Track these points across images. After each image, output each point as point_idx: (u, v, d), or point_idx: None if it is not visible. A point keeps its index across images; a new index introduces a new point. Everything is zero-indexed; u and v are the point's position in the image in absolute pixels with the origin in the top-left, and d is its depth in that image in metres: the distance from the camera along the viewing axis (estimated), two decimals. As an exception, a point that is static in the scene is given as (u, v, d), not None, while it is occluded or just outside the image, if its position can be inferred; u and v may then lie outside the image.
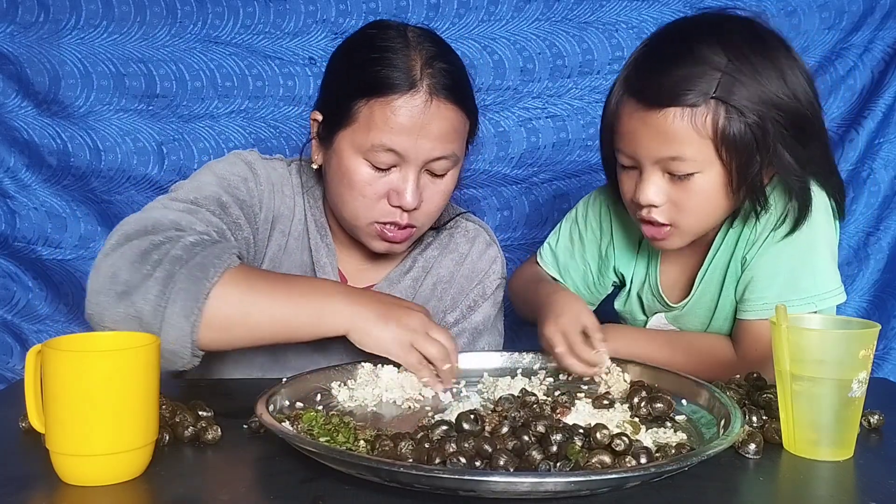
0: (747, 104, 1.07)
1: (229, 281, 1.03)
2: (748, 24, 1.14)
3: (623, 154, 1.16)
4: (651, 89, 1.10)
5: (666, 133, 1.09)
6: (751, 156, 1.09)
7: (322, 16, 1.74)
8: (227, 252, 1.06)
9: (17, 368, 1.77)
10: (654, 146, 1.11)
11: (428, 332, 1.08)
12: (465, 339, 1.34)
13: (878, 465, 0.87)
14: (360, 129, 1.17)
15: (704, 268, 1.26)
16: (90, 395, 0.76)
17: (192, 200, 1.16)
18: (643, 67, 1.13)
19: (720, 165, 1.10)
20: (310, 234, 1.30)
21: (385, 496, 0.75)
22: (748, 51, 1.09)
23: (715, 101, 1.07)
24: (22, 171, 1.72)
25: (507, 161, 1.79)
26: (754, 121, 1.07)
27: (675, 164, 1.10)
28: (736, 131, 1.07)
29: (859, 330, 0.88)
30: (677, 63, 1.09)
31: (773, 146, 1.09)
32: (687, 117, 1.07)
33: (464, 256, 1.37)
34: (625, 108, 1.14)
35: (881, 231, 1.82)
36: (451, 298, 1.35)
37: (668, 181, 1.13)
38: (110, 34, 1.71)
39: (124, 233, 1.07)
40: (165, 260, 1.02)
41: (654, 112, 1.09)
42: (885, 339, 1.82)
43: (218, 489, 0.77)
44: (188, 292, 1.00)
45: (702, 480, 0.80)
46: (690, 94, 1.07)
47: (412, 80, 1.16)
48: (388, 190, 1.19)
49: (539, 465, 0.79)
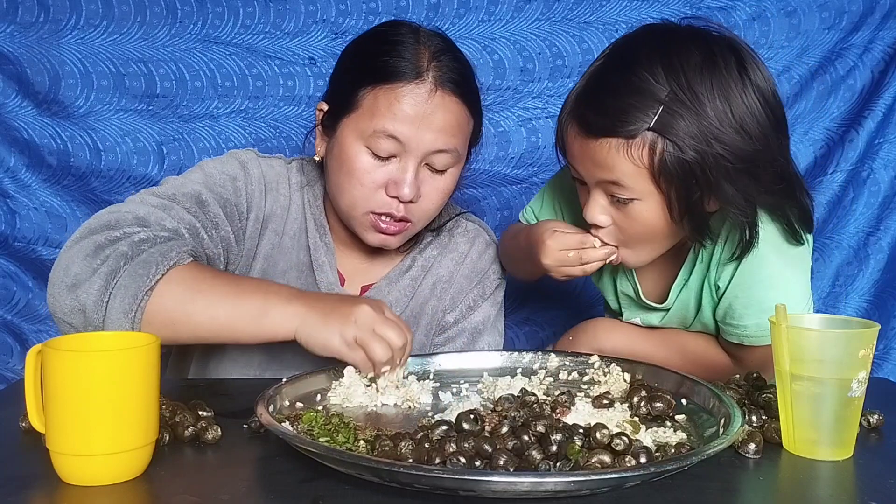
0: (686, 139, 1.03)
1: (173, 279, 1.02)
2: (702, 42, 1.08)
3: (573, 170, 1.17)
4: (589, 118, 1.08)
5: (603, 161, 1.08)
6: (689, 188, 1.06)
7: (322, 16, 1.74)
8: (174, 250, 1.05)
9: (17, 368, 1.77)
10: (594, 171, 1.10)
11: (375, 328, 1.02)
12: (465, 338, 1.34)
13: (878, 464, 0.87)
14: (363, 115, 1.18)
15: (678, 284, 1.25)
16: (90, 395, 0.76)
17: (170, 196, 1.16)
18: (587, 91, 1.11)
19: (658, 194, 1.08)
20: (308, 232, 1.30)
21: (385, 496, 0.75)
22: (694, 79, 1.04)
23: (652, 133, 1.04)
24: (22, 171, 1.72)
25: (507, 161, 1.79)
26: (692, 156, 1.03)
27: (615, 189, 1.09)
28: (672, 164, 1.04)
29: (859, 330, 0.88)
30: (617, 92, 1.07)
31: (714, 179, 1.05)
32: (623, 149, 1.05)
33: (463, 256, 1.37)
34: (569, 129, 1.13)
35: (881, 231, 1.82)
36: (450, 298, 1.35)
37: (610, 203, 1.12)
38: (110, 34, 1.71)
39: (88, 227, 1.08)
40: (112, 255, 1.03)
41: (591, 140, 1.08)
42: (885, 339, 1.82)
43: (218, 489, 0.77)
44: (128, 289, 1.00)
45: (702, 480, 0.80)
46: (627, 126, 1.04)
47: (419, 71, 1.17)
48: (386, 180, 1.19)
49: (539, 464, 0.79)
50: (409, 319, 1.33)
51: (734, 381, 1.08)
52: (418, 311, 1.34)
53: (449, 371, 1.13)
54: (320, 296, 1.12)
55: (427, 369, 1.13)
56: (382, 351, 1.01)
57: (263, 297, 1.05)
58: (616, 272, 1.33)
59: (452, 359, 1.16)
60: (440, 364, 1.15)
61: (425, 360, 1.15)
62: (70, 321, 1.03)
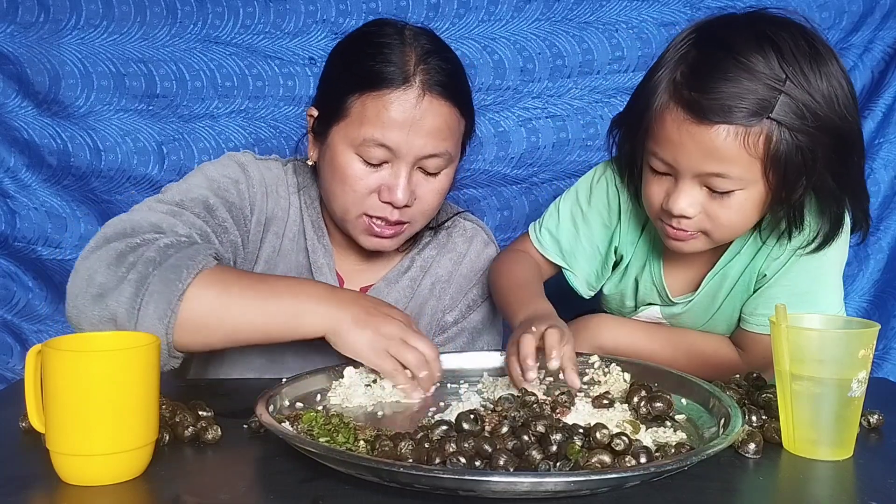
0: (801, 125, 1.01)
1: (203, 283, 1.02)
2: (801, 30, 1.06)
3: (658, 159, 1.10)
4: (703, 103, 1.03)
5: (714, 150, 1.03)
6: (797, 178, 1.04)
7: (322, 16, 1.74)
8: (201, 253, 1.05)
9: (17, 368, 1.77)
10: (698, 160, 1.05)
11: (406, 340, 1.05)
12: (465, 338, 1.34)
13: (878, 464, 0.87)
14: (352, 123, 1.17)
15: (715, 271, 1.23)
16: (90, 395, 0.76)
17: (177, 202, 1.16)
18: (694, 76, 1.05)
19: (763, 184, 1.06)
20: (306, 235, 1.30)
21: (385, 496, 0.75)
22: (805, 66, 1.02)
23: (769, 121, 1.01)
24: (22, 171, 1.72)
25: (507, 161, 1.79)
26: (806, 143, 1.02)
27: (716, 181, 1.06)
28: (786, 153, 1.02)
29: (859, 330, 0.88)
30: (733, 76, 1.02)
31: (820, 170, 1.04)
32: (741, 136, 1.02)
33: (462, 256, 1.36)
34: (670, 115, 1.07)
35: (881, 231, 1.82)
36: (449, 298, 1.35)
37: (705, 194, 1.08)
38: (110, 34, 1.71)
39: (104, 235, 1.07)
40: (139, 262, 1.02)
41: (703, 126, 1.03)
42: (885, 339, 1.82)
43: (218, 489, 0.77)
44: (161, 294, 1.00)
45: (702, 480, 0.80)
46: (745, 112, 1.01)
47: (405, 75, 1.16)
48: (379, 185, 1.19)
49: (539, 464, 0.79)
50: None
51: (734, 381, 1.08)
52: (418, 312, 1.34)
53: (449, 371, 1.13)
54: (355, 298, 1.10)
55: (427, 369, 1.13)
56: (414, 358, 1.04)
57: (294, 299, 1.06)
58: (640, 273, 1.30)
59: (452, 359, 1.16)
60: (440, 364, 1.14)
61: (425, 360, 1.15)
62: (97, 331, 1.01)
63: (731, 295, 1.23)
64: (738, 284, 1.22)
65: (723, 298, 1.24)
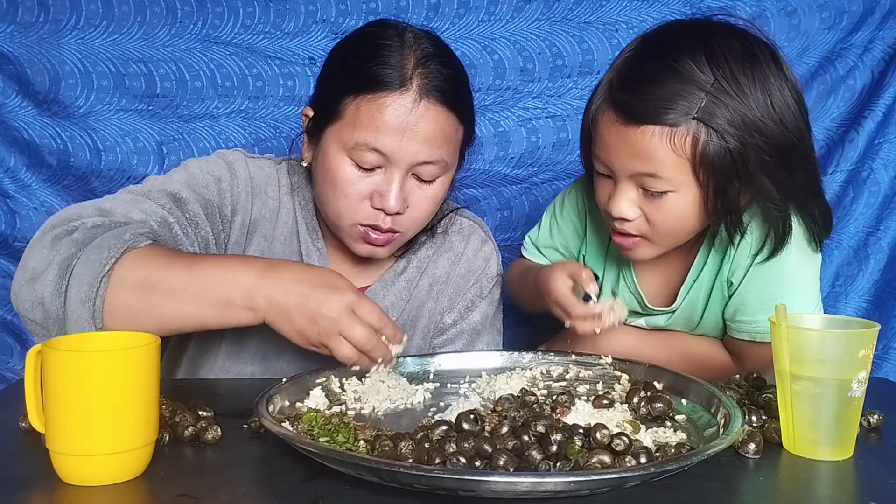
0: (729, 128, 1.02)
1: (129, 265, 0.98)
2: (740, 35, 1.08)
3: (599, 162, 1.13)
4: (630, 104, 1.06)
5: (642, 150, 1.05)
6: (729, 180, 1.05)
7: (322, 16, 1.74)
8: (129, 232, 1.01)
9: (17, 368, 1.77)
10: (629, 161, 1.08)
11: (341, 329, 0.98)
12: (464, 340, 1.33)
13: (878, 465, 0.87)
14: (346, 125, 1.15)
15: (688, 283, 1.23)
16: (90, 395, 0.76)
17: (145, 193, 1.14)
18: (625, 79, 1.09)
19: (696, 186, 1.07)
20: (300, 237, 1.28)
21: (385, 496, 0.75)
22: (737, 69, 1.04)
23: (696, 122, 1.03)
24: (22, 171, 1.72)
25: (507, 161, 1.79)
26: (735, 146, 1.03)
27: (649, 181, 1.08)
28: (715, 154, 1.03)
29: (859, 330, 0.88)
30: (660, 79, 1.05)
31: (753, 172, 1.05)
32: (665, 137, 1.04)
33: (459, 255, 1.35)
34: (603, 118, 1.10)
35: (881, 231, 1.82)
36: (447, 299, 1.34)
37: (641, 196, 1.10)
38: (110, 34, 1.71)
39: (50, 222, 1.06)
40: (66, 244, 0.99)
41: (631, 128, 1.06)
42: (885, 339, 1.82)
43: (218, 489, 0.77)
44: (83, 277, 0.96)
45: (702, 480, 0.80)
46: (671, 114, 1.03)
47: (402, 79, 1.13)
48: (371, 191, 1.16)
49: (539, 464, 0.79)
50: (407, 322, 1.32)
51: (734, 381, 1.08)
52: (415, 314, 1.32)
53: (449, 371, 1.13)
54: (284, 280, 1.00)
55: (427, 369, 1.13)
56: (349, 350, 0.99)
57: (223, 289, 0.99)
58: (615, 284, 1.32)
59: (452, 359, 1.16)
60: (440, 364, 1.15)
61: (425, 360, 1.15)
62: (31, 316, 1.00)
63: (709, 304, 1.24)
64: (714, 293, 1.22)
65: (702, 308, 1.25)
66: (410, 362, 1.13)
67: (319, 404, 0.98)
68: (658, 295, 1.29)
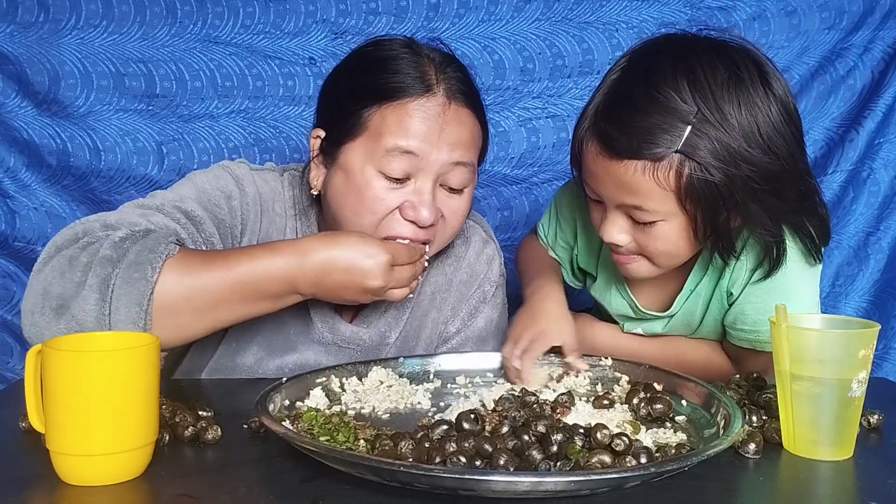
0: (713, 161, 1.00)
1: (169, 271, 0.96)
2: (726, 57, 1.05)
3: (588, 187, 1.13)
4: (613, 137, 1.04)
5: (627, 184, 1.04)
6: (716, 210, 1.04)
7: (322, 16, 1.74)
8: (161, 243, 0.98)
9: (17, 368, 1.77)
10: (615, 193, 1.07)
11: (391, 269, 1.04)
12: (469, 348, 1.29)
13: (878, 465, 0.87)
14: (371, 136, 1.10)
15: (686, 292, 1.22)
16: (90, 395, 0.76)
17: (155, 207, 1.09)
18: (609, 107, 1.07)
19: (684, 215, 1.05)
20: None
21: (385, 496, 0.75)
22: (720, 96, 1.01)
23: (679, 155, 1.01)
24: (22, 171, 1.72)
25: (507, 161, 1.79)
26: (720, 178, 1.01)
27: (636, 213, 1.07)
28: (700, 186, 1.01)
29: (859, 330, 0.88)
30: (643, 111, 1.02)
31: (741, 200, 1.03)
32: (649, 171, 1.02)
33: (460, 259, 1.31)
34: (589, 148, 1.09)
35: (881, 231, 1.82)
36: (450, 307, 1.31)
37: (631, 224, 1.09)
38: (110, 34, 1.71)
39: (54, 244, 1.00)
40: (95, 263, 0.95)
41: (614, 161, 1.04)
42: (885, 339, 1.82)
43: (218, 489, 0.77)
44: (129, 297, 0.94)
45: (702, 480, 0.80)
46: (653, 148, 1.01)
47: (428, 84, 1.11)
48: (401, 203, 1.11)
49: (539, 464, 0.79)
50: (410, 334, 1.28)
51: (734, 381, 1.08)
52: (418, 325, 1.29)
53: (449, 371, 1.13)
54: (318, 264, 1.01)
55: (427, 369, 1.13)
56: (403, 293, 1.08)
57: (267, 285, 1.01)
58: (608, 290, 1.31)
59: (453, 359, 1.16)
60: (440, 364, 1.14)
61: (425, 360, 1.15)
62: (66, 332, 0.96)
63: (708, 311, 1.23)
64: (713, 302, 1.21)
65: (701, 315, 1.24)
66: (411, 362, 1.13)
67: (319, 404, 0.98)
68: (652, 300, 1.28)
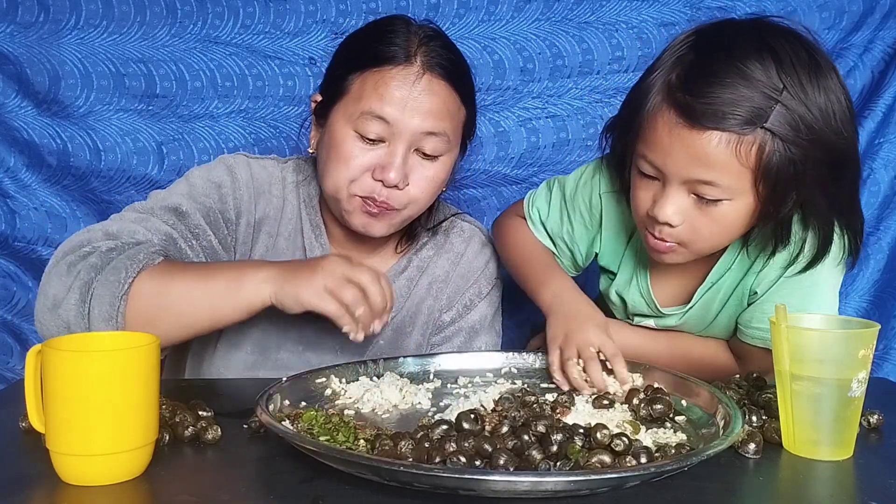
0: (796, 139, 0.99)
1: (145, 279, 1.04)
2: (800, 40, 1.04)
3: (647, 162, 1.07)
4: (696, 107, 1.00)
5: (705, 156, 1.01)
6: (787, 191, 1.02)
7: (322, 16, 1.74)
8: (142, 252, 1.06)
9: (17, 368, 1.76)
10: (687, 166, 1.03)
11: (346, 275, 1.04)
12: (462, 338, 1.34)
13: (878, 465, 0.87)
14: (351, 99, 1.19)
15: (706, 286, 1.21)
16: (90, 395, 0.76)
17: (148, 210, 1.18)
18: (690, 79, 1.03)
19: (753, 196, 1.03)
20: (304, 234, 1.29)
21: (385, 496, 0.75)
22: (804, 78, 1.00)
23: (763, 131, 0.99)
24: (22, 171, 1.72)
25: (507, 161, 1.79)
26: (800, 157, 1.00)
27: (705, 188, 1.03)
28: (779, 165, 0.99)
29: (859, 330, 0.88)
30: (729, 83, 1.00)
31: (810, 184, 1.02)
32: (732, 144, 0.99)
33: (459, 256, 1.37)
34: (661, 118, 1.04)
35: (881, 231, 1.81)
36: (447, 298, 1.35)
37: (691, 203, 1.06)
38: (110, 34, 1.71)
39: (62, 250, 1.10)
40: (82, 269, 1.04)
41: (695, 131, 1.00)
42: (885, 339, 1.82)
43: (218, 489, 0.77)
44: (103, 297, 1.02)
45: (702, 480, 0.80)
46: (741, 120, 0.99)
47: (407, 55, 1.18)
48: (373, 164, 1.18)
49: (539, 464, 0.79)
50: (406, 320, 1.33)
51: (734, 381, 1.08)
52: (414, 312, 1.34)
53: (449, 371, 1.13)
54: (292, 261, 1.14)
55: (427, 369, 1.13)
56: (353, 295, 1.03)
57: (235, 270, 1.07)
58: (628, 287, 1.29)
59: (452, 359, 1.16)
60: (440, 364, 1.15)
61: (425, 360, 1.15)
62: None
63: (725, 307, 1.22)
64: (732, 298, 1.20)
65: (717, 311, 1.23)
66: (410, 362, 1.13)
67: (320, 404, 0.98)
68: (671, 297, 1.27)
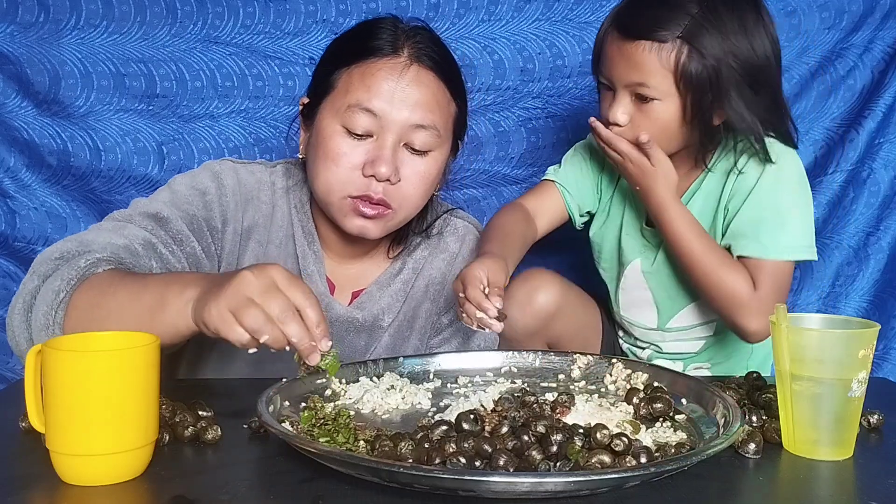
0: (707, 48, 1.24)
1: (85, 289, 0.98)
2: None
3: (603, 76, 1.35)
4: (630, 23, 1.28)
5: (636, 61, 1.27)
6: (703, 94, 1.26)
7: (322, 16, 1.74)
8: (84, 259, 1.01)
9: (17, 368, 1.76)
10: (625, 72, 1.29)
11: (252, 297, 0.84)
12: (460, 339, 1.33)
13: (878, 464, 0.87)
14: (338, 93, 1.18)
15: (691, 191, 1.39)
16: (90, 395, 0.76)
17: (127, 217, 1.14)
18: (629, 5, 1.32)
19: (677, 97, 1.27)
20: (296, 240, 1.27)
21: (385, 496, 0.75)
22: (720, 5, 1.25)
23: (680, 41, 1.24)
24: (22, 171, 1.72)
25: (507, 161, 1.79)
26: (711, 64, 1.24)
27: (640, 89, 1.28)
28: (694, 70, 1.24)
29: (859, 330, 0.88)
30: (655, 4, 1.27)
31: (725, 88, 1.26)
32: (654, 50, 1.25)
33: (454, 256, 1.35)
34: (608, 37, 1.32)
35: (881, 231, 1.81)
36: (444, 300, 1.34)
37: (634, 105, 1.30)
38: (110, 34, 1.71)
39: (38, 259, 1.07)
40: (31, 278, 1.03)
41: (629, 42, 1.27)
42: (885, 339, 1.82)
43: (218, 489, 0.77)
44: (39, 307, 0.99)
45: (702, 480, 0.80)
46: (660, 32, 1.25)
47: (395, 47, 1.18)
48: (363, 161, 1.16)
49: (539, 465, 0.79)
50: (404, 323, 1.32)
51: (734, 381, 1.08)
52: (412, 315, 1.32)
53: (449, 371, 1.13)
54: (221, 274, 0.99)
55: (427, 369, 1.13)
56: (254, 321, 0.82)
57: (161, 289, 0.92)
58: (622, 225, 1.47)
59: (452, 359, 1.16)
60: (440, 364, 1.14)
61: (425, 360, 1.15)
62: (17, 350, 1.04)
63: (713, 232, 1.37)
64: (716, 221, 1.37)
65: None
66: (410, 362, 1.13)
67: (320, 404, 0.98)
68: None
